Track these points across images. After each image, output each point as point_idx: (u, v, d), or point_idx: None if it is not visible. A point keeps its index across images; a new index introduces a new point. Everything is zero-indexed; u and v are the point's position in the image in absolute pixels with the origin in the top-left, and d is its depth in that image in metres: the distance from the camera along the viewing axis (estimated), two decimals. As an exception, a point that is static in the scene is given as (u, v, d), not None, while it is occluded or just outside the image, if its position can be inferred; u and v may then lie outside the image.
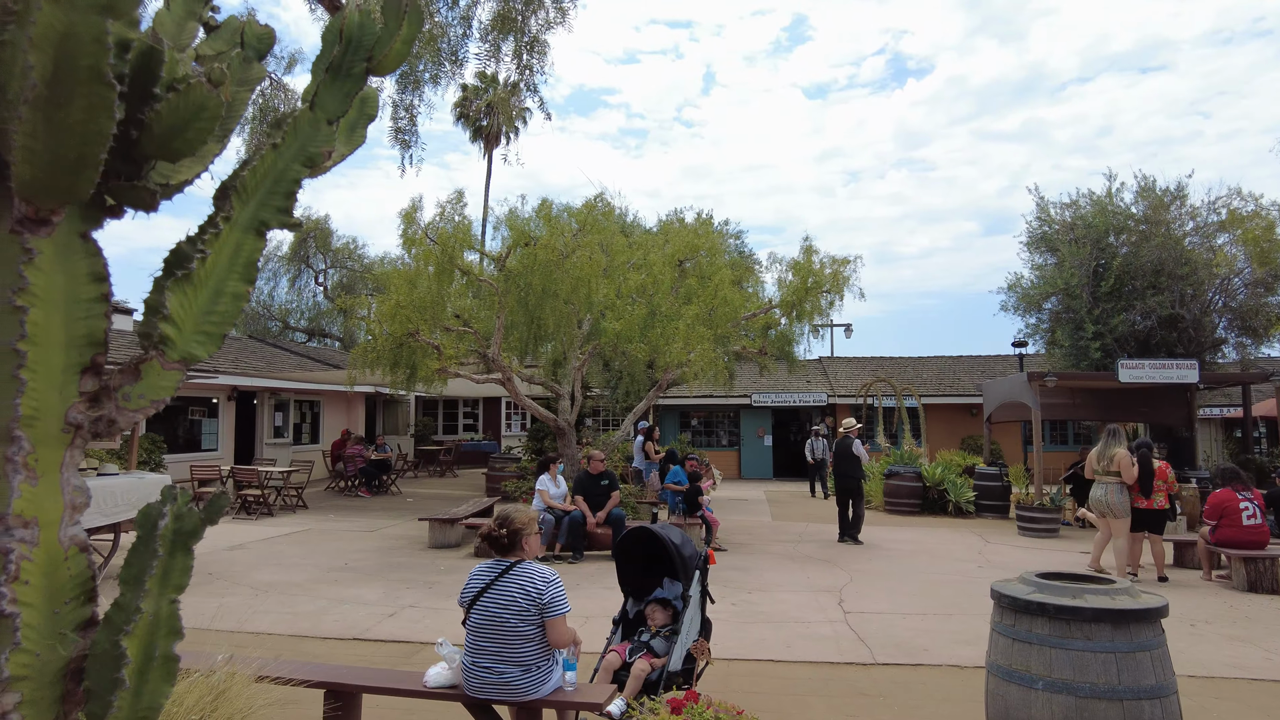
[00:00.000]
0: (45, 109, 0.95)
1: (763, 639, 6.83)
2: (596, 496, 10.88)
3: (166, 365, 1.10)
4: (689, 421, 26.46)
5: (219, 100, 1.10)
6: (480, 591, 3.87)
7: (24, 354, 1.08)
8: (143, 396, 1.09)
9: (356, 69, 1.28)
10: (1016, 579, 4.05)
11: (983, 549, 12.01)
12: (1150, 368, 14.42)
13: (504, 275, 10.95)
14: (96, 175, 1.03)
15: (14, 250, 1.11)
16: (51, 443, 1.13)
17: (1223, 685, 5.83)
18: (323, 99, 1.27)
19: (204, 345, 1.14)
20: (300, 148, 1.25)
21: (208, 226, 1.16)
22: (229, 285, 1.17)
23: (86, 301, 1.12)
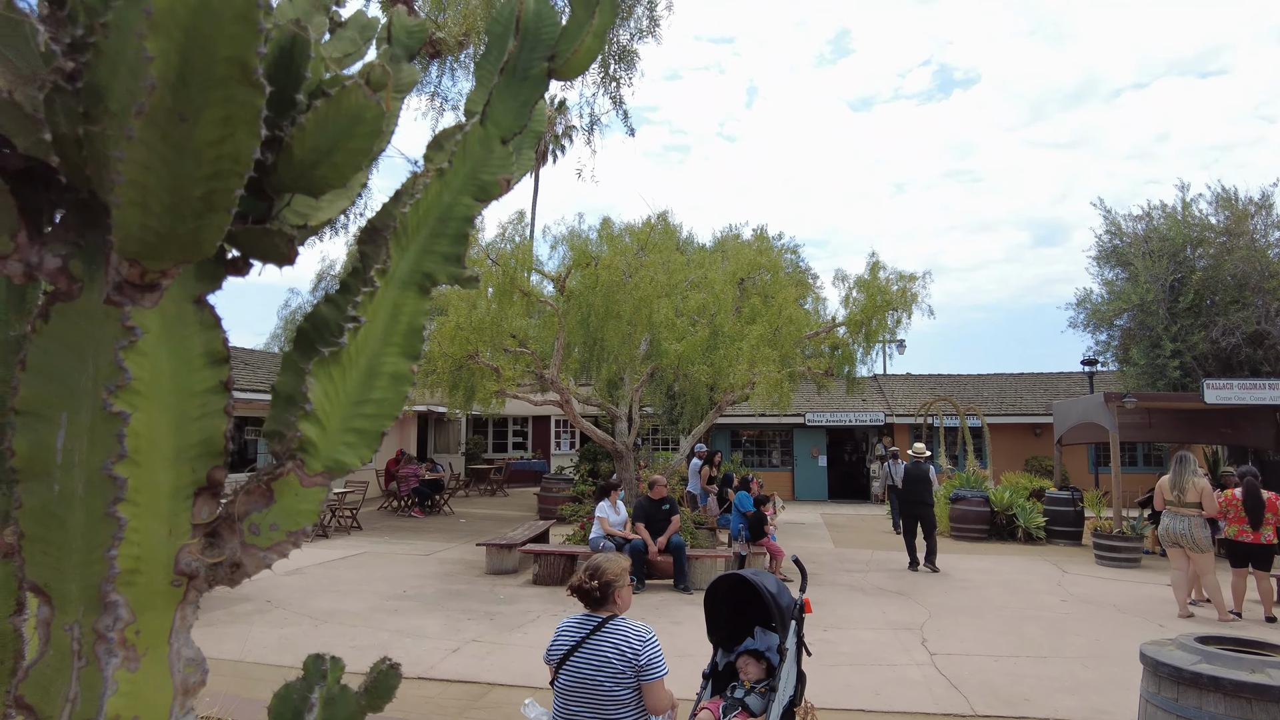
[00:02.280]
0: (165, 124, 0.65)
1: (849, 684, 6.40)
2: (658, 523, 10.52)
3: (307, 481, 0.78)
4: (740, 440, 25.95)
5: (379, 109, 0.79)
6: (571, 650, 3.54)
7: (123, 481, 0.77)
8: (276, 527, 0.78)
9: (536, 71, 0.98)
10: (1172, 643, 3.59)
11: (1061, 580, 11.37)
12: (1239, 388, 13.61)
13: (564, 296, 10.71)
14: (228, 220, 0.73)
15: (111, 329, 0.79)
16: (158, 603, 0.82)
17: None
18: (496, 110, 0.96)
19: (356, 449, 0.82)
20: (471, 174, 0.95)
21: (358, 281, 0.86)
22: (386, 362, 0.86)
23: (202, 394, 0.80)
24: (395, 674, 0.76)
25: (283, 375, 0.82)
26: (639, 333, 10.70)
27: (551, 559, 10.76)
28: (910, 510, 12.19)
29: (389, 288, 0.87)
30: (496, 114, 0.96)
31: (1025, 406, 24.46)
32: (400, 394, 0.85)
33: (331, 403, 0.79)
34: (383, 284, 0.85)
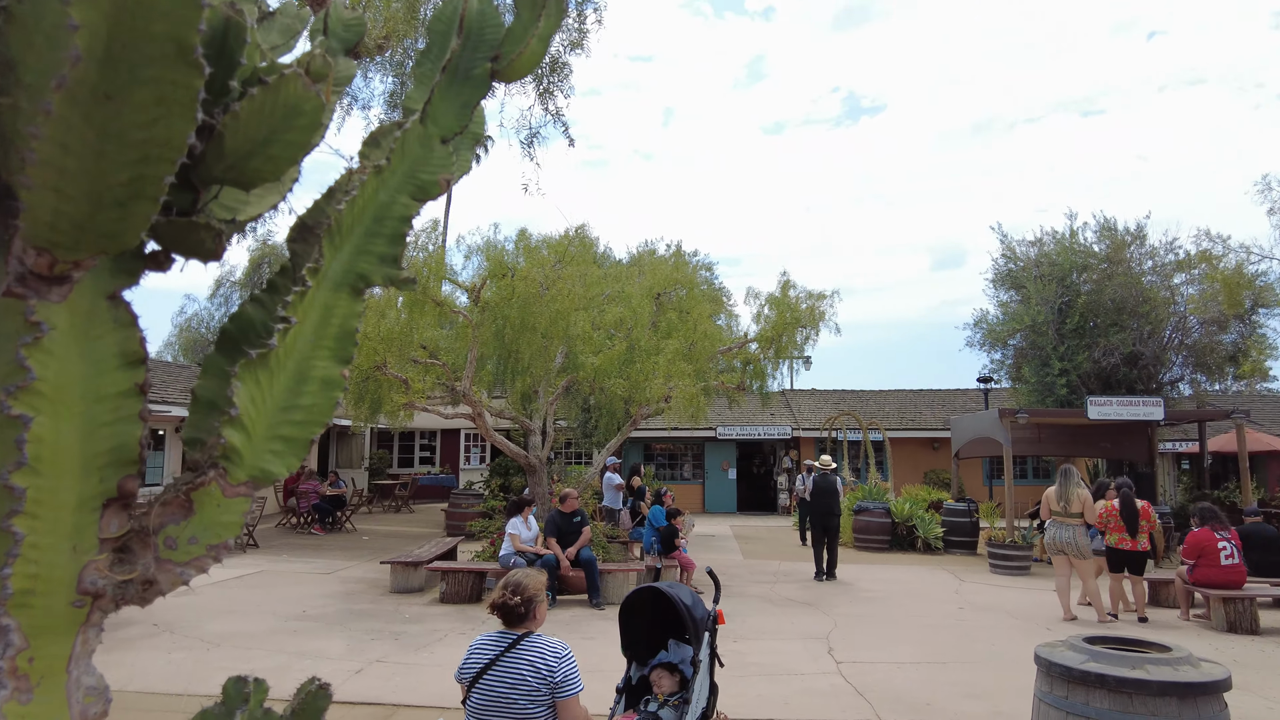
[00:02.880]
0: (89, 102, 0.59)
1: (761, 695, 6.48)
2: (569, 536, 10.43)
3: (229, 491, 0.72)
4: (653, 454, 26.08)
5: (319, 101, 0.75)
6: (485, 667, 3.45)
7: (21, 491, 0.68)
8: (195, 541, 0.71)
9: (479, 71, 0.95)
10: (1063, 644, 3.78)
11: (959, 588, 11.84)
12: (1118, 405, 14.55)
13: (479, 307, 10.54)
14: (155, 210, 0.66)
15: (12, 324, 0.70)
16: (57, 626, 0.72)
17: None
18: (437, 110, 0.93)
19: (283, 457, 0.76)
20: (409, 173, 0.91)
21: (288, 281, 0.80)
22: (317, 366, 0.81)
23: (114, 398, 0.72)
24: (325, 695, 0.70)
25: (204, 379, 0.75)
26: (555, 345, 10.62)
27: (460, 576, 10.52)
28: (820, 521, 12.51)
29: (321, 288, 0.82)
30: (437, 113, 0.93)
31: (925, 422, 25.50)
32: (331, 400, 0.80)
33: (258, 408, 0.74)
34: (314, 284, 0.81)
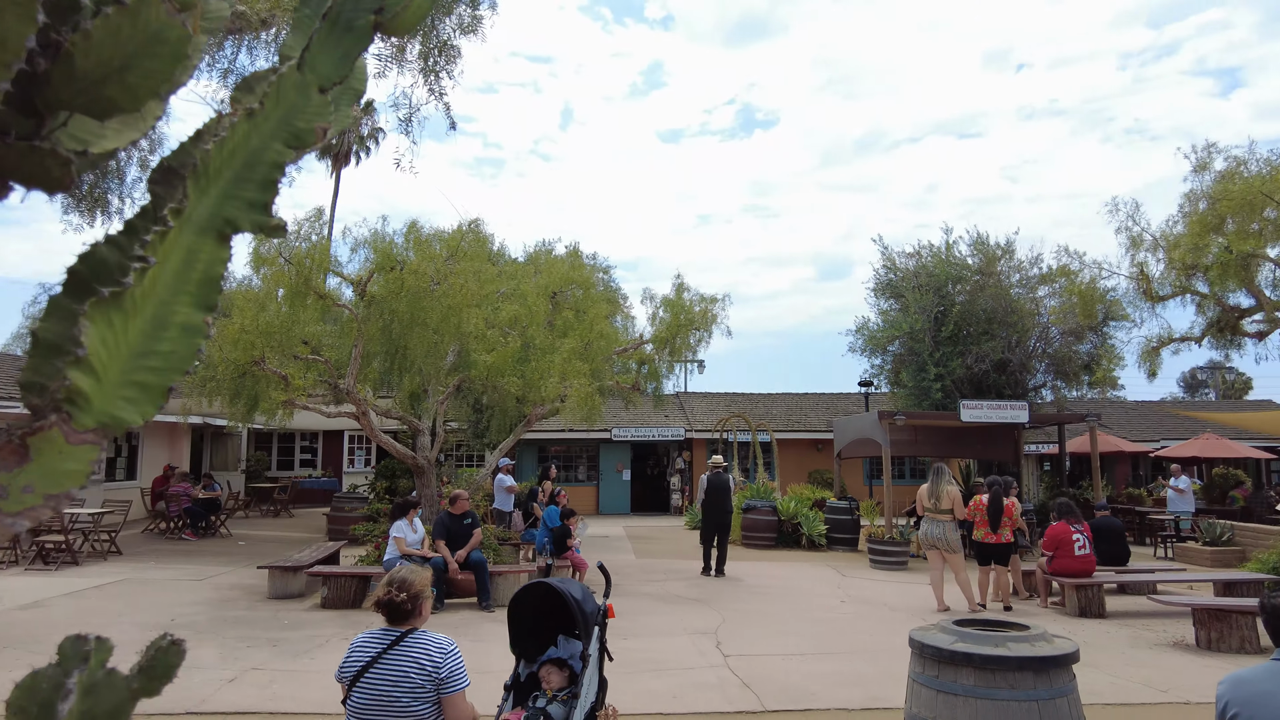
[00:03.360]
0: None
1: (650, 689, 6.54)
2: (459, 539, 10.23)
3: (74, 438, 0.66)
4: (548, 456, 25.91)
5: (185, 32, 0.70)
6: (366, 666, 3.34)
7: None
8: (30, 489, 0.64)
9: (362, 22, 0.91)
10: (935, 627, 3.99)
11: (841, 582, 12.30)
12: (988, 408, 15.48)
13: (365, 301, 10.18)
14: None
15: None
16: None
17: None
18: (315, 57, 0.89)
19: (138, 404, 0.71)
20: (284, 119, 0.86)
21: (148, 222, 0.75)
22: (178, 312, 0.76)
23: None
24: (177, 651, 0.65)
25: (47, 321, 0.69)
26: (446, 343, 10.38)
27: (342, 581, 10.14)
28: (712, 518, 12.75)
29: (184, 231, 0.77)
30: (316, 61, 0.89)
31: (810, 424, 26.39)
32: (192, 347, 0.75)
33: (110, 351, 0.68)
34: (177, 225, 0.76)
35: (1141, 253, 12.68)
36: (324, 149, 33.18)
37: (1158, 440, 25.66)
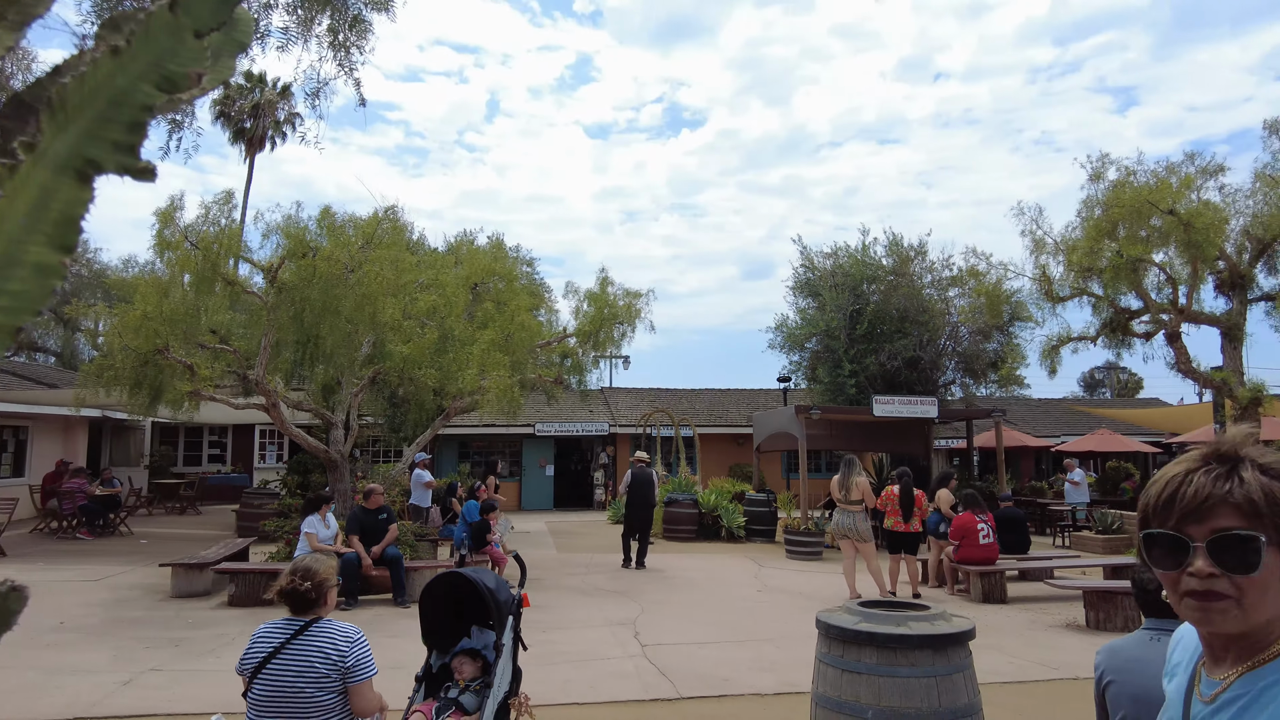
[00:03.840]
0: None
1: (568, 680, 6.54)
2: (374, 534, 10.01)
3: None
4: (469, 452, 25.59)
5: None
6: (269, 656, 3.25)
7: None
8: None
9: (239, -37, 0.89)
10: (841, 609, 4.11)
11: (758, 573, 12.55)
12: (900, 403, 16.00)
13: (276, 289, 9.81)
14: None
15: None
16: None
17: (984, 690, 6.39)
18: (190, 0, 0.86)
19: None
20: (155, 62, 0.83)
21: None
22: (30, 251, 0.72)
23: None
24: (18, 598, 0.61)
25: None
26: (361, 333, 10.12)
27: (251, 578, 9.80)
28: (635, 512, 12.84)
29: (38, 167, 0.73)
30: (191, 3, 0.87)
31: (731, 419, 26.80)
32: (46, 289, 0.71)
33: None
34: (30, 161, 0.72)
35: (1044, 256, 13.31)
36: (236, 133, 31.90)
37: (1059, 436, 27.04)
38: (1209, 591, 1.17)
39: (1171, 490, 1.22)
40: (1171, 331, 11.98)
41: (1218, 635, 1.22)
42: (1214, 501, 1.17)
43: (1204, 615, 1.19)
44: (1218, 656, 1.25)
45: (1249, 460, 1.20)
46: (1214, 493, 1.18)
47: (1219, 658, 1.25)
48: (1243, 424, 11.31)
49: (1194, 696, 1.29)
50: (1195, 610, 1.20)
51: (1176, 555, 1.20)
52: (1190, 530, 1.19)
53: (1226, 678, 1.22)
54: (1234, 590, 1.15)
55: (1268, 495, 1.16)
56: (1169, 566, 1.21)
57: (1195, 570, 1.18)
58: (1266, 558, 1.14)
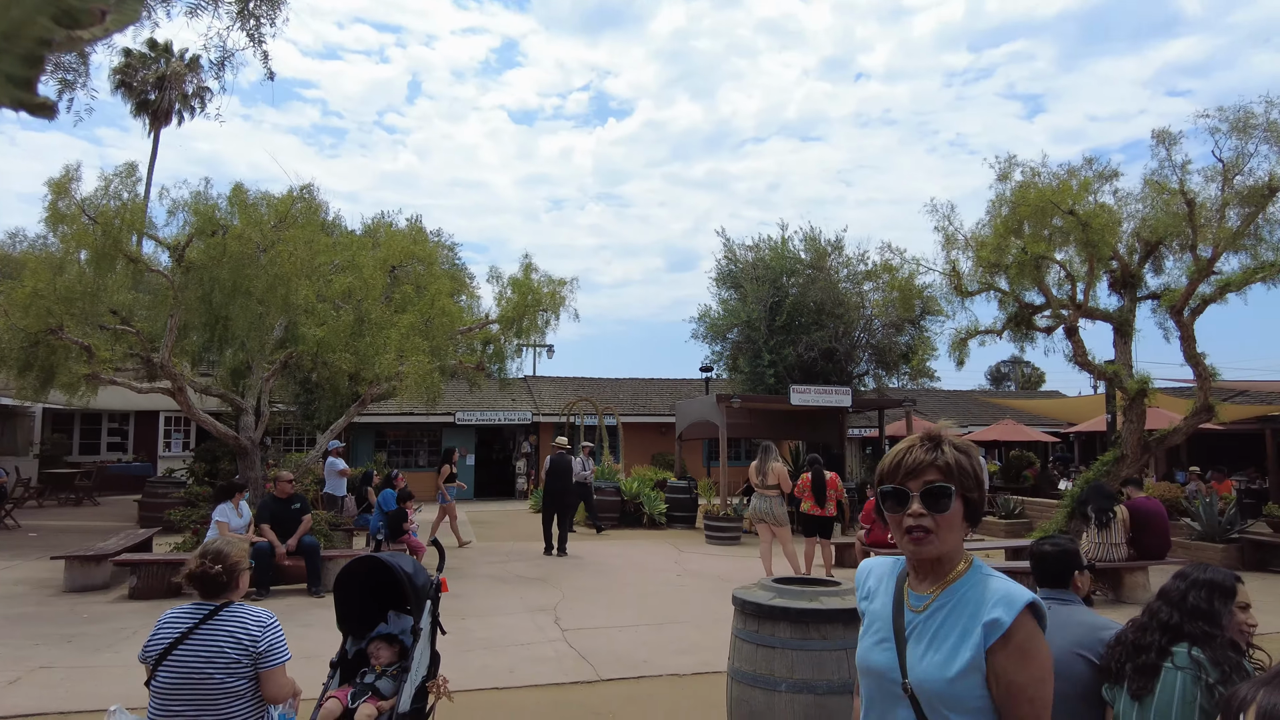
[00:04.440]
0: None
1: (485, 666, 6.51)
2: (286, 523, 9.72)
3: None
4: (386, 441, 25.06)
5: None
6: (175, 643, 3.13)
7: None
8: None
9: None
10: (756, 585, 4.22)
11: (679, 558, 12.72)
12: (816, 393, 16.44)
13: (183, 268, 9.36)
14: None
15: None
16: None
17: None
18: (91, -73, 0.83)
19: None
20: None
21: None
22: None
23: None
24: None
25: None
26: (273, 315, 9.75)
27: (154, 569, 9.39)
28: (554, 499, 12.83)
29: None
30: (92, -68, 0.83)
31: (654, 408, 27.02)
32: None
33: None
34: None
35: (954, 252, 13.80)
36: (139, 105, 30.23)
37: (966, 426, 28.22)
38: (919, 526, 1.67)
39: (899, 459, 1.74)
40: (1070, 326, 12.63)
41: (923, 560, 1.73)
42: (925, 464, 1.70)
43: (917, 546, 1.69)
44: (921, 577, 1.76)
45: (947, 440, 1.74)
46: (924, 459, 1.71)
47: (922, 578, 1.76)
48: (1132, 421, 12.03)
49: (905, 608, 1.76)
50: (911, 543, 1.70)
51: (901, 502, 1.70)
52: (910, 485, 1.70)
53: (932, 592, 1.72)
54: (934, 526, 1.67)
55: (958, 463, 1.70)
56: (896, 510, 1.72)
57: (912, 511, 1.68)
58: (954, 504, 1.68)
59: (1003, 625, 1.60)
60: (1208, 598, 2.78)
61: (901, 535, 1.71)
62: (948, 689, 1.62)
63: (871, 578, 1.90)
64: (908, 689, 1.68)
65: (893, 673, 1.71)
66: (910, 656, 1.70)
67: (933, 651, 1.67)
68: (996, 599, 1.64)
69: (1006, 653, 1.60)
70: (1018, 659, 1.60)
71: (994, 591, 1.67)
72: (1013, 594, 1.65)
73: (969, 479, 1.70)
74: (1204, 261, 11.64)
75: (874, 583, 1.88)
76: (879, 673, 1.75)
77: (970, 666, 1.61)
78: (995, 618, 1.61)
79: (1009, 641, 1.60)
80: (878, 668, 1.75)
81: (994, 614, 1.62)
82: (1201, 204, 11.81)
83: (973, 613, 1.65)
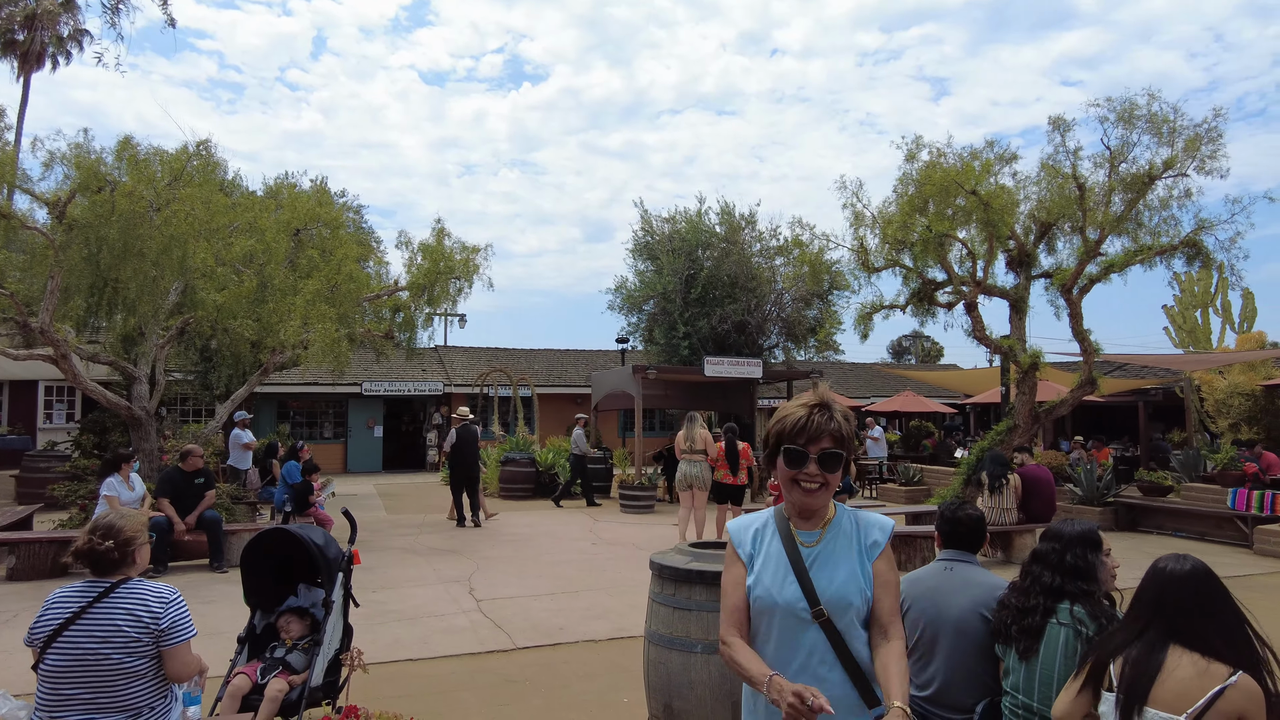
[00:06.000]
0: None
1: (398, 638, 6.42)
2: (189, 499, 9.28)
3: None
4: (289, 412, 24.19)
5: None
6: (66, 623, 2.95)
7: None
8: None
9: None
10: (674, 550, 4.29)
11: (593, 527, 12.81)
12: (728, 364, 16.73)
13: (64, 226, 8.70)
14: None
15: None
16: None
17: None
18: None
19: None
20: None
21: None
22: None
23: None
24: None
25: None
26: (168, 278, 9.18)
27: (36, 548, 8.84)
28: (461, 470, 12.73)
29: None
30: None
31: (569, 379, 26.96)
32: None
33: None
34: None
35: (862, 228, 14.19)
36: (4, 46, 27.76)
37: (869, 397, 29.28)
38: (815, 482, 2.02)
39: (801, 424, 2.04)
40: (970, 302, 13.22)
41: (811, 507, 2.08)
42: (825, 431, 2.02)
43: (810, 496, 2.04)
44: (806, 519, 2.12)
45: (837, 408, 2.07)
46: (825, 427, 2.03)
47: (806, 520, 2.12)
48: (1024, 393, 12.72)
49: (797, 546, 2.09)
50: (805, 494, 2.05)
51: (799, 461, 2.03)
52: (810, 449, 2.02)
53: (819, 531, 2.11)
54: (825, 482, 2.03)
55: (847, 431, 2.06)
56: (794, 467, 2.04)
57: (809, 472, 2.02)
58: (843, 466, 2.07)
59: (880, 544, 2.10)
60: (1083, 554, 2.99)
61: (792, 486, 2.06)
62: (852, 597, 2.02)
63: (750, 532, 2.19)
64: (821, 613, 2.01)
65: (800, 602, 2.03)
66: (819, 582, 2.04)
67: (834, 573, 2.05)
68: (871, 525, 2.13)
69: (885, 561, 2.09)
70: (887, 563, 2.09)
71: (867, 520, 2.15)
72: (882, 521, 2.15)
73: (851, 444, 2.09)
74: (1091, 243, 12.35)
75: (754, 535, 2.18)
76: (787, 605, 2.04)
77: (864, 577, 2.05)
78: (875, 539, 2.10)
79: (885, 554, 2.09)
80: (787, 601, 2.04)
81: (874, 536, 2.11)
82: (1090, 188, 12.50)
83: (855, 538, 2.10)
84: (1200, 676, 2.20)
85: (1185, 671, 2.23)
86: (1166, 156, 11.79)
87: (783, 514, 2.16)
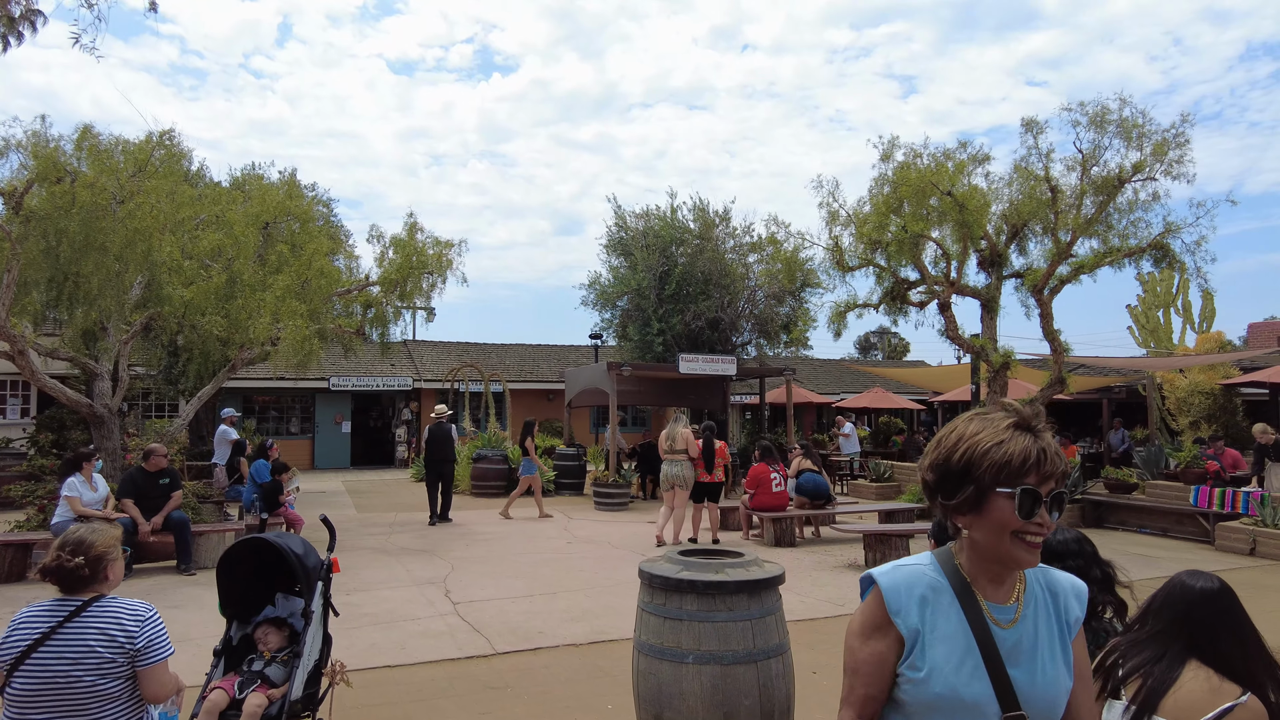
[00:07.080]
0: None
1: (374, 644, 6.30)
2: (154, 499, 9.03)
3: None
4: (255, 407, 23.75)
5: None
6: (35, 644, 2.81)
7: None
8: None
9: None
10: (662, 558, 4.24)
11: (568, 525, 12.73)
12: (702, 361, 16.74)
13: (21, 217, 8.37)
14: None
15: None
16: None
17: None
18: None
19: None
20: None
21: None
22: None
23: None
24: None
25: None
26: (132, 272, 8.90)
27: (-8, 551, 8.54)
28: (434, 467, 12.61)
29: None
30: None
31: (542, 374, 26.79)
32: None
33: None
34: None
35: (837, 227, 14.24)
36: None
37: (838, 393, 29.51)
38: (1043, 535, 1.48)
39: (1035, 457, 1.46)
40: (943, 301, 13.34)
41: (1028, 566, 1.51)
42: (1059, 468, 1.48)
43: (1033, 553, 1.48)
44: (999, 584, 1.55)
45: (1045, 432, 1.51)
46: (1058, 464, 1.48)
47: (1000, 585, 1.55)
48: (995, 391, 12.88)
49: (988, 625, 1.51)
50: (1028, 550, 1.47)
51: (1034, 507, 1.45)
52: (1042, 488, 1.47)
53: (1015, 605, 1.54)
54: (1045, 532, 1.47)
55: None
56: (1027, 515, 1.45)
57: (1041, 520, 1.46)
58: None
59: (1081, 620, 1.57)
60: (1101, 572, 2.91)
61: (1011, 541, 1.47)
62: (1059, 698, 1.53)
63: (914, 596, 1.55)
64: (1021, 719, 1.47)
65: (991, 705, 1.47)
66: (1020, 679, 1.49)
67: (1038, 665, 1.51)
68: (1067, 592, 1.59)
69: (1080, 643, 1.58)
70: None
71: (1061, 586, 1.59)
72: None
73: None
74: (1063, 245, 12.51)
75: (920, 601, 1.55)
76: (972, 706, 1.48)
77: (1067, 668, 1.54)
78: (1076, 615, 1.57)
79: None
80: (974, 700, 1.48)
81: (1075, 612, 1.57)
82: (1061, 190, 12.66)
83: (1052, 612, 1.56)
84: (1211, 693, 2.20)
85: (1197, 685, 2.23)
86: (1136, 160, 11.98)
87: (959, 574, 1.56)
